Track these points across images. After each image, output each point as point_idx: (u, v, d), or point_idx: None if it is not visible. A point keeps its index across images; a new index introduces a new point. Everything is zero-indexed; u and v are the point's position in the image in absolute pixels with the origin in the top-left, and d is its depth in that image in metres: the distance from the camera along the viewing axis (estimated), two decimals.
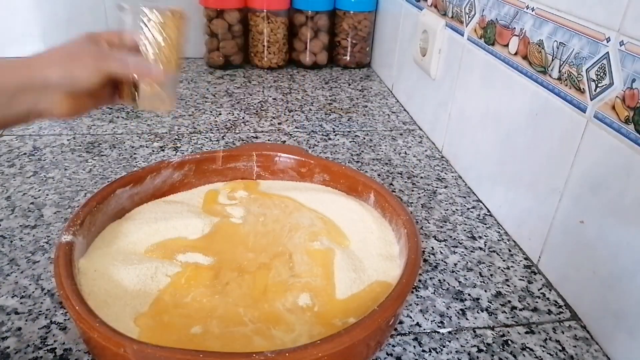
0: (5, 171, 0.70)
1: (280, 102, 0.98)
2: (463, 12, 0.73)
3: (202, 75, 1.10)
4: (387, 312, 0.37)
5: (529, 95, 0.58)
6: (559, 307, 0.52)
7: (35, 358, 0.43)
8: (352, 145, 0.82)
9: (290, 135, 0.85)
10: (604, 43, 0.46)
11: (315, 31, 1.14)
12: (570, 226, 0.51)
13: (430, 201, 0.68)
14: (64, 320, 0.47)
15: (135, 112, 0.90)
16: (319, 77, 1.12)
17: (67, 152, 0.76)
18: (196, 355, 0.32)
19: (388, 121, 0.92)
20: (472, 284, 0.54)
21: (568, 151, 0.51)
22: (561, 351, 0.47)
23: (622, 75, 0.44)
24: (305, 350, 0.33)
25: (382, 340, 0.41)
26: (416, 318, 0.49)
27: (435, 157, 0.80)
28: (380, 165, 0.77)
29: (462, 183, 0.73)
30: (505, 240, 0.62)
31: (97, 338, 0.34)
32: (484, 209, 0.67)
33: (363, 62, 1.19)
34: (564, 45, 0.52)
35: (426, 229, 0.63)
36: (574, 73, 0.50)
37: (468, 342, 0.47)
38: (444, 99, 0.80)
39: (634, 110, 0.43)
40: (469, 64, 0.72)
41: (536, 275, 0.56)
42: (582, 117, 0.49)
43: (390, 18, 1.07)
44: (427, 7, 0.86)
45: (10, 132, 0.81)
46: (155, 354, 0.33)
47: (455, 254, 0.58)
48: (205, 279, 0.45)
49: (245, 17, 1.12)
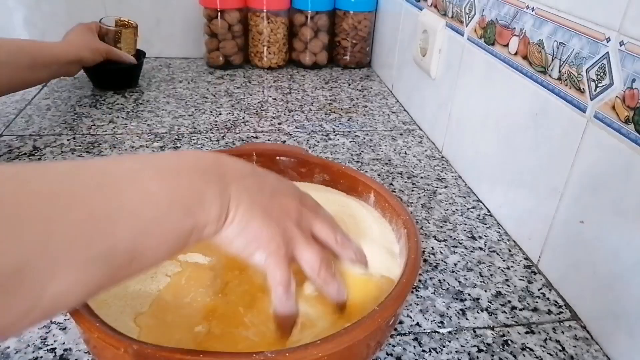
0: None
1: (280, 102, 0.98)
2: (463, 12, 0.73)
3: (202, 75, 1.10)
4: (387, 312, 0.37)
5: (529, 95, 0.58)
6: (559, 307, 0.52)
7: (35, 358, 0.43)
8: (352, 145, 0.82)
9: (290, 135, 0.85)
10: (604, 43, 0.46)
11: (315, 31, 1.14)
12: (570, 226, 0.51)
13: (430, 201, 0.68)
14: (64, 320, 0.47)
15: (135, 112, 0.90)
16: (319, 77, 1.12)
17: (67, 152, 0.76)
18: (196, 355, 0.32)
19: (388, 121, 0.92)
20: (472, 284, 0.54)
21: (568, 151, 0.51)
22: (561, 351, 0.47)
23: (622, 75, 0.44)
24: (305, 350, 0.33)
25: (382, 340, 0.41)
26: (416, 318, 0.49)
27: (435, 157, 0.80)
28: (380, 165, 0.77)
29: (462, 183, 0.73)
30: (505, 240, 0.62)
31: (97, 338, 0.34)
32: (484, 209, 0.67)
33: (363, 62, 1.19)
34: (564, 45, 0.52)
35: (426, 229, 0.63)
36: (574, 73, 0.50)
37: (468, 342, 0.47)
38: (444, 99, 0.80)
39: (634, 110, 0.43)
40: (469, 64, 0.72)
41: (536, 275, 0.56)
42: (582, 117, 0.49)
43: (390, 18, 1.07)
44: (427, 7, 0.86)
45: (10, 132, 0.81)
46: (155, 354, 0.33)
47: (455, 254, 0.58)
48: (206, 278, 0.45)
49: (245, 17, 1.12)
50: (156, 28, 1.16)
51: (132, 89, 1.00)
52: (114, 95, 0.97)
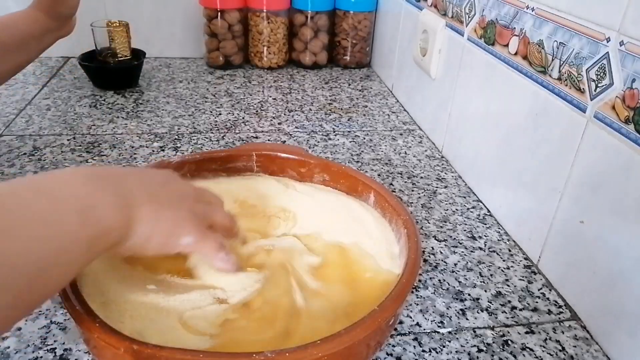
0: (5, 171, 0.70)
1: (280, 102, 0.98)
2: (463, 12, 0.73)
3: (202, 75, 1.10)
4: (387, 312, 0.37)
5: (529, 95, 0.58)
6: (559, 307, 0.52)
7: (35, 358, 0.43)
8: (352, 145, 0.82)
9: (290, 135, 0.85)
10: (604, 43, 0.46)
11: (315, 31, 1.14)
12: (570, 226, 0.51)
13: (430, 201, 0.68)
14: (64, 320, 0.47)
15: (135, 112, 0.90)
16: (319, 77, 1.12)
17: (67, 152, 0.76)
18: (196, 355, 0.32)
19: (388, 121, 0.92)
20: (472, 284, 0.54)
21: (568, 151, 0.51)
22: (561, 351, 0.47)
23: (622, 75, 0.44)
24: (305, 350, 0.33)
25: (382, 340, 0.41)
26: (416, 318, 0.49)
27: (435, 157, 0.80)
28: (380, 165, 0.77)
29: (462, 183, 0.73)
30: (505, 240, 0.62)
31: (97, 338, 0.34)
32: (484, 209, 0.67)
33: (363, 62, 1.19)
34: (564, 45, 0.52)
35: (426, 229, 0.63)
36: (574, 73, 0.50)
37: (468, 342, 0.47)
38: (444, 99, 0.80)
39: (634, 110, 0.43)
40: (469, 64, 0.72)
41: (536, 275, 0.56)
42: (582, 117, 0.49)
43: (390, 18, 1.07)
44: (427, 7, 0.86)
45: (10, 132, 0.81)
46: (155, 354, 0.33)
47: (455, 254, 0.59)
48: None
49: (245, 17, 1.12)
50: (156, 28, 1.16)
51: (132, 89, 1.00)
52: (114, 95, 0.97)
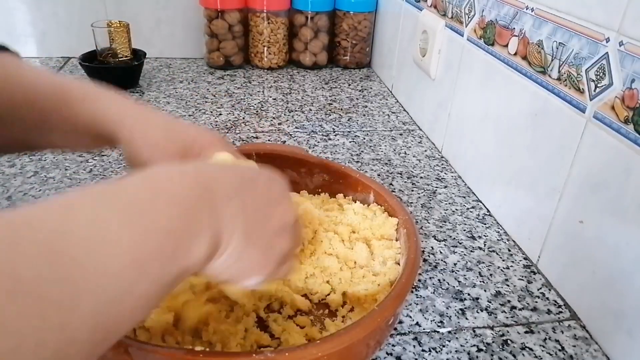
0: (6, 171, 0.70)
1: (280, 102, 0.98)
2: (463, 12, 0.73)
3: (203, 75, 1.10)
4: (387, 312, 0.37)
5: (529, 96, 0.58)
6: (559, 306, 0.52)
7: None
8: (352, 145, 0.83)
9: (290, 135, 0.85)
10: (603, 43, 0.47)
11: (315, 31, 1.14)
12: (570, 226, 0.51)
13: (430, 201, 0.69)
14: None
15: None
16: (319, 78, 1.12)
17: (67, 152, 0.76)
18: (196, 355, 0.33)
19: (388, 121, 0.92)
20: (472, 283, 0.54)
21: (567, 151, 0.51)
22: (560, 351, 0.47)
23: (622, 75, 0.44)
24: (305, 349, 0.33)
25: (381, 339, 0.41)
26: (416, 318, 0.49)
27: (435, 157, 0.80)
28: (380, 165, 0.77)
29: (462, 183, 0.73)
30: (505, 240, 0.62)
31: None
32: (483, 209, 0.68)
33: (363, 62, 1.19)
34: (564, 45, 0.52)
35: (426, 229, 0.63)
36: (574, 73, 0.50)
37: (468, 342, 0.47)
38: (444, 99, 0.80)
39: (634, 110, 0.43)
40: (468, 64, 0.72)
41: (536, 275, 0.56)
42: (581, 117, 0.49)
43: (390, 18, 1.07)
44: (427, 8, 0.86)
45: None
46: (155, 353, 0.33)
47: (454, 254, 0.59)
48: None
49: (245, 18, 1.12)
50: (156, 28, 1.16)
51: (132, 89, 1.00)
52: None
